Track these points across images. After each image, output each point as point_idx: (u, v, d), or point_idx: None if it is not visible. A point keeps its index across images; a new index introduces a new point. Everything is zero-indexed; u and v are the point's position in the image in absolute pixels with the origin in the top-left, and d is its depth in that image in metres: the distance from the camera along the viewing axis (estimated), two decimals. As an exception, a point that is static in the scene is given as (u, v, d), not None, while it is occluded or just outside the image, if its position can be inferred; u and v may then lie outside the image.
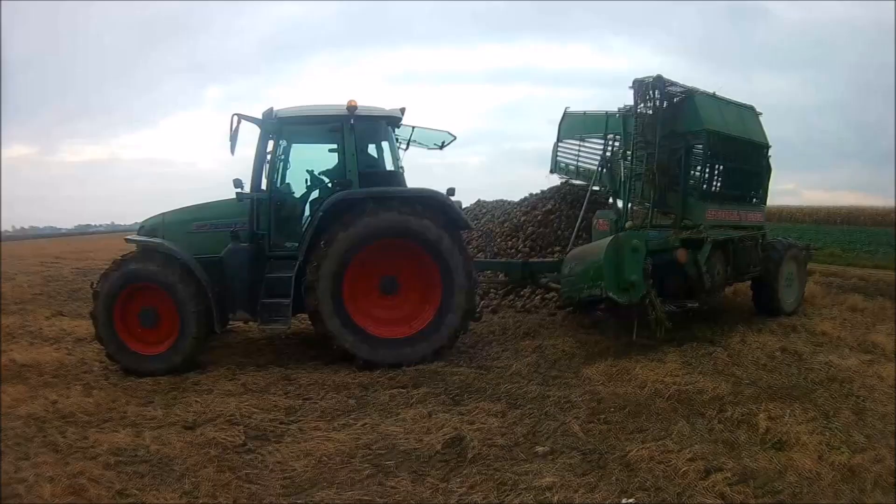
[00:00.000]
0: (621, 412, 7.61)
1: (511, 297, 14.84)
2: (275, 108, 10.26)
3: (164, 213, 10.57)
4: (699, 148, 12.75)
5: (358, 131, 10.19)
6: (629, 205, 13.44)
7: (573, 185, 16.55)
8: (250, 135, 10.33)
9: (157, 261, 9.66)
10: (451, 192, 10.38)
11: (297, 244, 10.05)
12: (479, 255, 14.81)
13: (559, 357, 10.23)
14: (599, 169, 14.85)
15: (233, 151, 10.00)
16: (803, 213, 64.03)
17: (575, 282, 10.81)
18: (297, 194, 11.01)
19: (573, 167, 16.11)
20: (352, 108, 9.98)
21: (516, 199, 18.61)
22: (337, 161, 10.45)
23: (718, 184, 13.50)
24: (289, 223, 10.41)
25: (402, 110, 10.96)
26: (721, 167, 13.41)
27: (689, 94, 12.56)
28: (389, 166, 10.93)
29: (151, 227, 10.47)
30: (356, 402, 8.20)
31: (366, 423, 7.33)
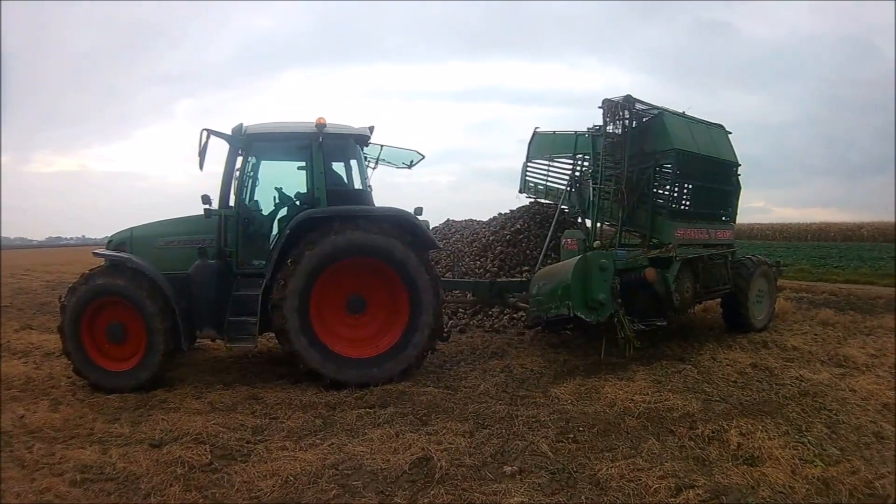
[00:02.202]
0: (590, 431, 7.55)
1: (479, 316, 14.84)
2: (244, 125, 10.23)
3: (132, 228, 10.56)
4: (668, 167, 12.77)
5: (326, 149, 10.21)
6: (598, 224, 13.63)
7: (542, 204, 16.59)
8: (220, 150, 10.25)
9: (125, 275, 9.63)
10: (419, 211, 10.39)
11: (264, 262, 10.00)
12: (447, 274, 14.77)
13: (527, 376, 10.19)
14: (568, 189, 14.94)
15: (202, 167, 9.91)
16: (773, 230, 64.83)
17: (543, 301, 10.79)
18: (266, 211, 10.94)
19: (542, 187, 16.27)
20: (320, 125, 9.99)
21: (486, 218, 18.62)
22: (305, 179, 10.41)
23: (688, 202, 13.58)
24: (256, 240, 10.38)
25: (371, 129, 10.97)
26: (690, 186, 13.52)
27: (659, 114, 12.65)
28: (358, 185, 10.92)
29: (120, 242, 10.44)
30: (323, 421, 8.14)
31: (333, 443, 7.26)
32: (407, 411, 8.45)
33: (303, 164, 10.46)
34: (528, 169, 16.58)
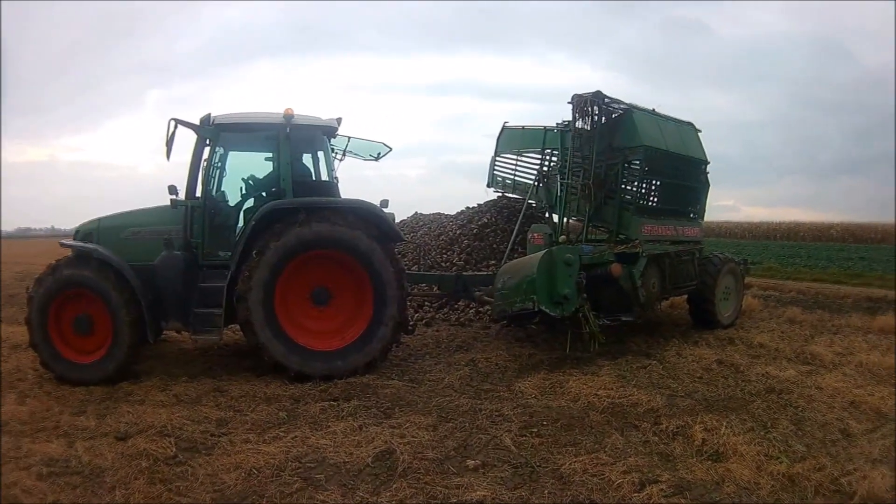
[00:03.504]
0: (554, 425, 7.57)
1: (445, 310, 14.76)
2: (212, 114, 10.13)
3: (100, 218, 10.45)
4: (636, 163, 12.88)
5: (294, 140, 10.14)
6: (564, 219, 13.75)
7: (509, 198, 16.55)
8: (190, 141, 10.12)
9: (91, 267, 9.50)
10: (385, 204, 10.36)
11: (230, 253, 9.94)
12: (413, 267, 14.72)
13: (492, 370, 10.20)
14: (536, 183, 14.88)
15: (169, 156, 9.79)
16: (743, 228, 65.19)
17: (507, 295, 10.75)
18: (233, 202, 10.84)
19: (510, 181, 16.22)
20: (288, 116, 9.94)
21: (454, 212, 18.59)
22: (272, 170, 10.42)
23: (655, 199, 13.81)
24: (223, 232, 10.28)
25: (339, 120, 10.92)
26: (658, 182, 13.69)
27: (628, 110, 12.66)
28: (325, 177, 10.93)
29: (87, 233, 10.33)
30: (287, 414, 8.12)
31: (296, 436, 7.25)
32: (370, 404, 8.45)
33: (270, 154, 10.50)
34: (497, 163, 16.51)
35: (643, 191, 13.62)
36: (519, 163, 15.92)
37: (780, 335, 13.11)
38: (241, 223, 10.51)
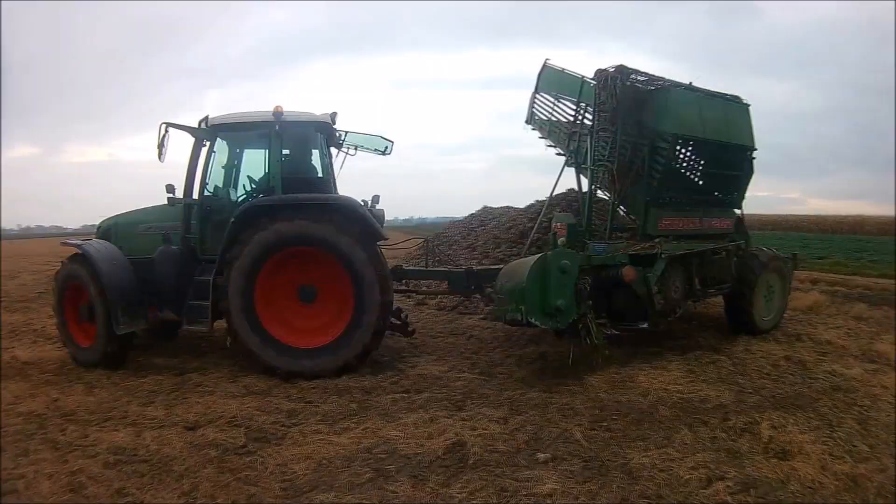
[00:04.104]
0: (624, 420, 7.56)
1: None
2: (210, 116, 10.42)
3: (117, 216, 11.29)
4: (664, 150, 11.35)
5: (285, 137, 10.32)
6: (590, 211, 12.47)
7: (576, 192, 15.95)
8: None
9: (80, 262, 10.24)
10: (376, 199, 10.66)
11: None
12: (484, 261, 14.52)
13: (563, 364, 10.08)
14: (568, 139, 13.61)
15: (162, 159, 10.13)
16: (809, 221, 64.07)
17: (502, 301, 9.97)
18: (230, 200, 10.99)
19: (546, 123, 14.80)
20: (278, 114, 10.06)
21: (522, 205, 18.52)
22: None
23: (684, 188, 12.55)
24: (219, 228, 10.32)
25: (334, 115, 10.97)
26: (690, 171, 12.82)
27: (663, 88, 11.56)
28: (320, 172, 10.99)
29: (106, 229, 11.22)
30: (358, 405, 8.19)
31: (367, 427, 7.32)
32: (442, 396, 8.50)
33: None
34: (536, 101, 15.07)
35: (670, 180, 11.97)
36: (556, 107, 14.39)
37: (847, 332, 12.82)
38: None
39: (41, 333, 12.22)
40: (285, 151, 10.53)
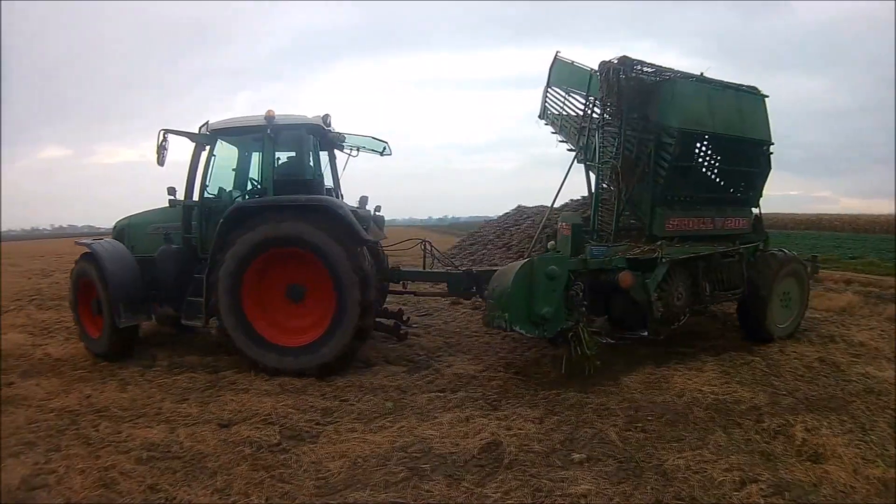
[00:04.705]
0: (659, 420, 7.54)
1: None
2: (210, 121, 10.97)
3: (130, 216, 11.90)
4: (669, 146, 10.60)
5: (278, 140, 10.61)
6: (597, 212, 12.10)
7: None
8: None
9: (89, 260, 10.79)
10: (364, 201, 11.17)
11: None
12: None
13: (599, 364, 9.89)
14: (578, 134, 13.07)
15: (162, 163, 10.49)
16: (843, 221, 63.40)
17: (492, 306, 9.47)
18: (228, 200, 11.22)
19: (557, 118, 14.21)
20: (269, 118, 10.36)
21: (556, 204, 18.45)
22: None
23: (692, 186, 11.53)
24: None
25: (326, 117, 11.15)
26: (698, 168, 11.90)
27: (669, 79, 10.89)
28: (313, 174, 11.16)
29: (120, 229, 11.90)
30: (393, 404, 8.23)
31: (402, 426, 7.35)
32: (478, 396, 8.52)
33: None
34: (549, 95, 14.50)
35: (677, 177, 11.08)
36: (566, 102, 13.80)
37: (880, 333, 12.62)
38: None
39: (74, 331, 12.34)
40: (278, 154, 10.87)
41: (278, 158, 10.82)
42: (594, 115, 12.29)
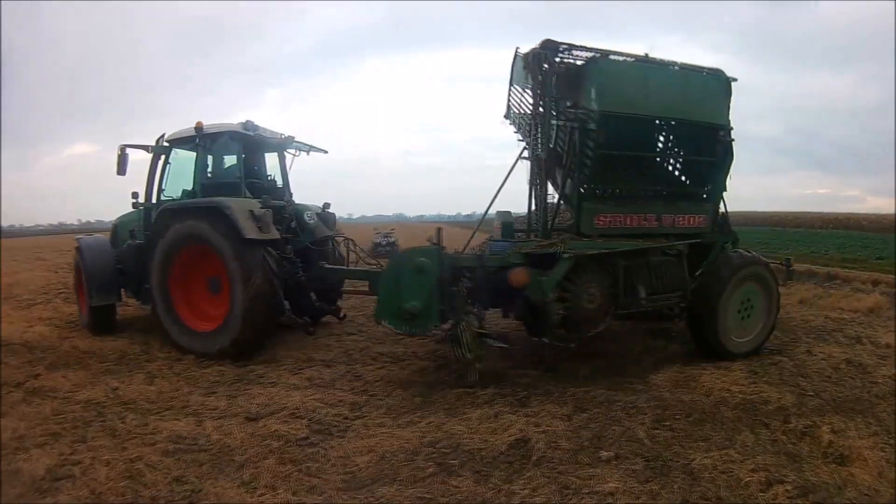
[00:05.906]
0: (686, 419, 7.53)
1: None
2: (165, 133, 12.37)
3: (122, 216, 13.63)
4: (592, 132, 9.28)
5: (208, 147, 11.86)
6: (533, 204, 10.26)
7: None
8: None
9: (77, 251, 12.95)
10: (327, 206, 12.93)
11: None
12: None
13: (628, 362, 10.10)
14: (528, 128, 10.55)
15: (124, 173, 12.14)
16: (870, 220, 62.64)
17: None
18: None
19: (517, 117, 11.78)
20: (198, 128, 11.57)
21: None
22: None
23: (633, 178, 10.24)
24: None
25: (247, 124, 11.93)
26: (644, 155, 10.32)
27: (593, 59, 9.52)
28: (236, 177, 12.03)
29: (114, 226, 13.74)
30: (422, 399, 8.27)
31: (431, 422, 7.38)
32: (507, 392, 8.51)
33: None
34: (512, 94, 12.29)
35: (605, 168, 9.70)
36: (522, 98, 11.17)
37: (907, 335, 12.55)
38: None
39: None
40: (228, 160, 12.43)
41: (212, 164, 12.23)
42: (540, 109, 9.90)
